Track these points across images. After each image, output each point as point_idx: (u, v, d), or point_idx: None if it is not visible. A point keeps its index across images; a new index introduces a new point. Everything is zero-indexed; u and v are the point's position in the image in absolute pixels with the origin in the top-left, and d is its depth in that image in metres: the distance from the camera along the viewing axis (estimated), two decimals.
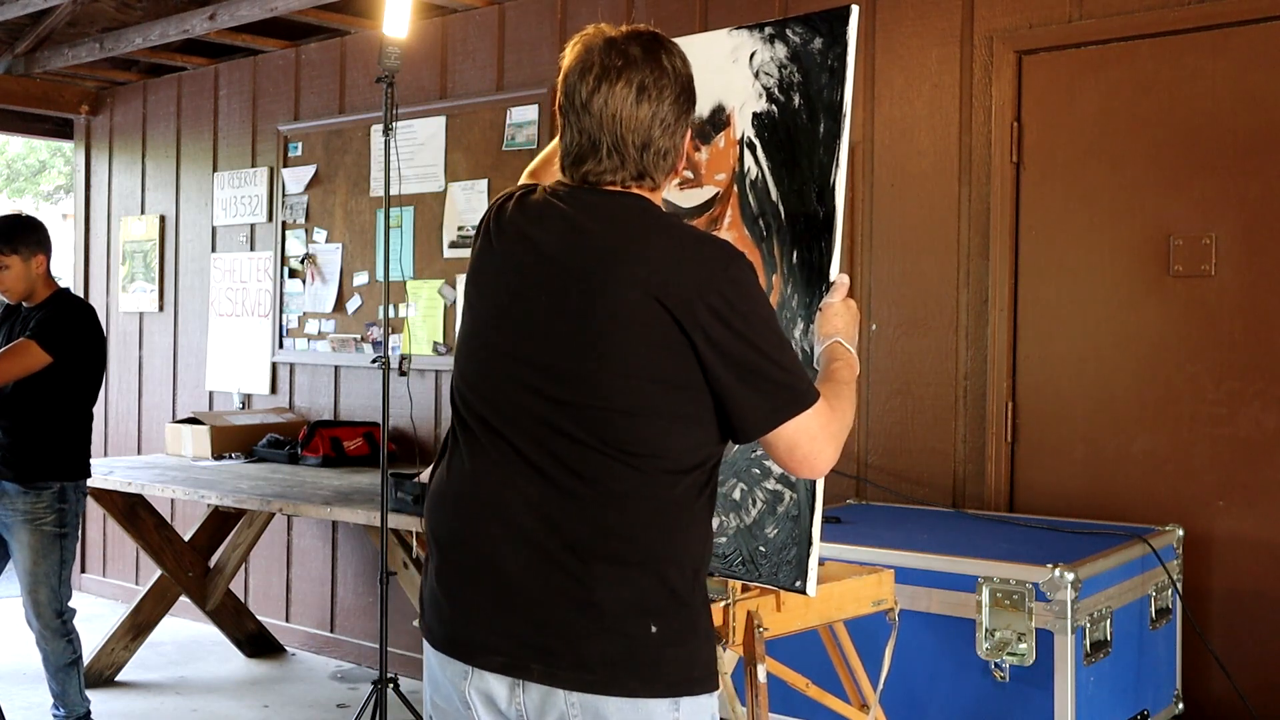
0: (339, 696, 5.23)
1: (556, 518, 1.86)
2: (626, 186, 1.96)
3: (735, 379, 1.86)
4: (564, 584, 1.84)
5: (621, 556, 1.85)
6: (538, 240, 1.95)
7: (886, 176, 4.18)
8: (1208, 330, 3.62)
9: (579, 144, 1.96)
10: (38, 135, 7.86)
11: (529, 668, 1.86)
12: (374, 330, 5.70)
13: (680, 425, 1.88)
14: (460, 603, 1.93)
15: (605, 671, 1.83)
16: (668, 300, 1.83)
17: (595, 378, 1.85)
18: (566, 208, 1.96)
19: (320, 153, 5.98)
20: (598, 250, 1.89)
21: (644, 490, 1.86)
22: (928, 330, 4.07)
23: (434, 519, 2.01)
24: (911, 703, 3.06)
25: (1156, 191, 3.71)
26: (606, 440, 1.85)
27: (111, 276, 7.12)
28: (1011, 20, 3.93)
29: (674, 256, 1.88)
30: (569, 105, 1.97)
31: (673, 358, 1.85)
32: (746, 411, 1.88)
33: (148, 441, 6.81)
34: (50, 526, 4.30)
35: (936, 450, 4.05)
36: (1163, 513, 3.61)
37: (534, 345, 1.91)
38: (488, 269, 2.01)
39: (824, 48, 2.40)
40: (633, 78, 1.93)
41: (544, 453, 1.88)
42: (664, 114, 1.95)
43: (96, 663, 5.43)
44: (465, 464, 1.96)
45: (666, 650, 1.85)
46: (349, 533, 5.78)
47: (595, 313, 1.86)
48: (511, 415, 1.91)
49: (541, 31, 5.13)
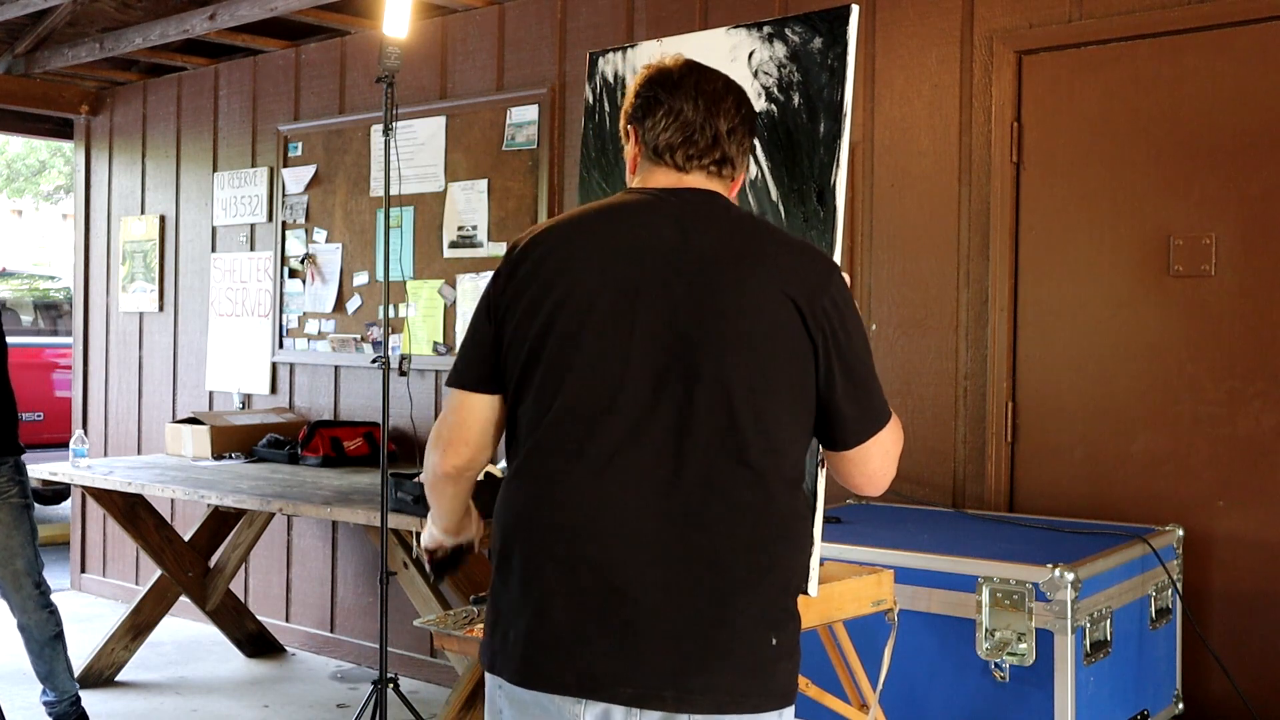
0: (339, 696, 5.23)
1: (691, 533, 1.79)
2: (710, 184, 1.98)
3: (842, 387, 1.86)
4: (701, 604, 1.78)
5: (755, 571, 1.81)
6: (642, 241, 1.89)
7: (886, 176, 4.18)
8: (1208, 330, 3.62)
9: (674, 129, 1.97)
10: (38, 135, 7.87)
11: (662, 696, 1.78)
12: (374, 330, 5.70)
13: (795, 431, 1.86)
14: (578, 632, 1.80)
15: (734, 689, 1.79)
16: (796, 297, 1.82)
17: (731, 380, 1.80)
18: (665, 206, 1.93)
19: (320, 153, 5.98)
20: (723, 245, 1.87)
21: (770, 502, 1.83)
22: (928, 330, 4.07)
23: (532, 538, 1.86)
24: (911, 703, 3.05)
25: (1156, 191, 3.71)
26: (733, 449, 1.79)
27: (111, 276, 7.12)
28: (1011, 20, 3.93)
29: (795, 256, 1.88)
30: (667, 95, 1.98)
31: (800, 361, 1.83)
32: (848, 421, 1.88)
33: (148, 441, 6.81)
34: (16, 499, 4.43)
35: (936, 450, 4.05)
36: (1163, 513, 3.61)
37: (660, 351, 1.82)
38: (569, 278, 1.88)
39: (824, 47, 2.40)
40: (722, 89, 2.00)
41: (670, 464, 1.80)
42: (743, 118, 2.02)
43: (96, 663, 5.43)
44: (566, 479, 1.84)
45: (782, 662, 1.84)
46: (349, 533, 5.78)
47: (734, 312, 1.81)
48: (632, 423, 1.81)
49: (541, 31, 5.13)
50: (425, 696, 5.08)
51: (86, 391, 7.24)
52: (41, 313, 10.20)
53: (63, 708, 4.56)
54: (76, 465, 5.19)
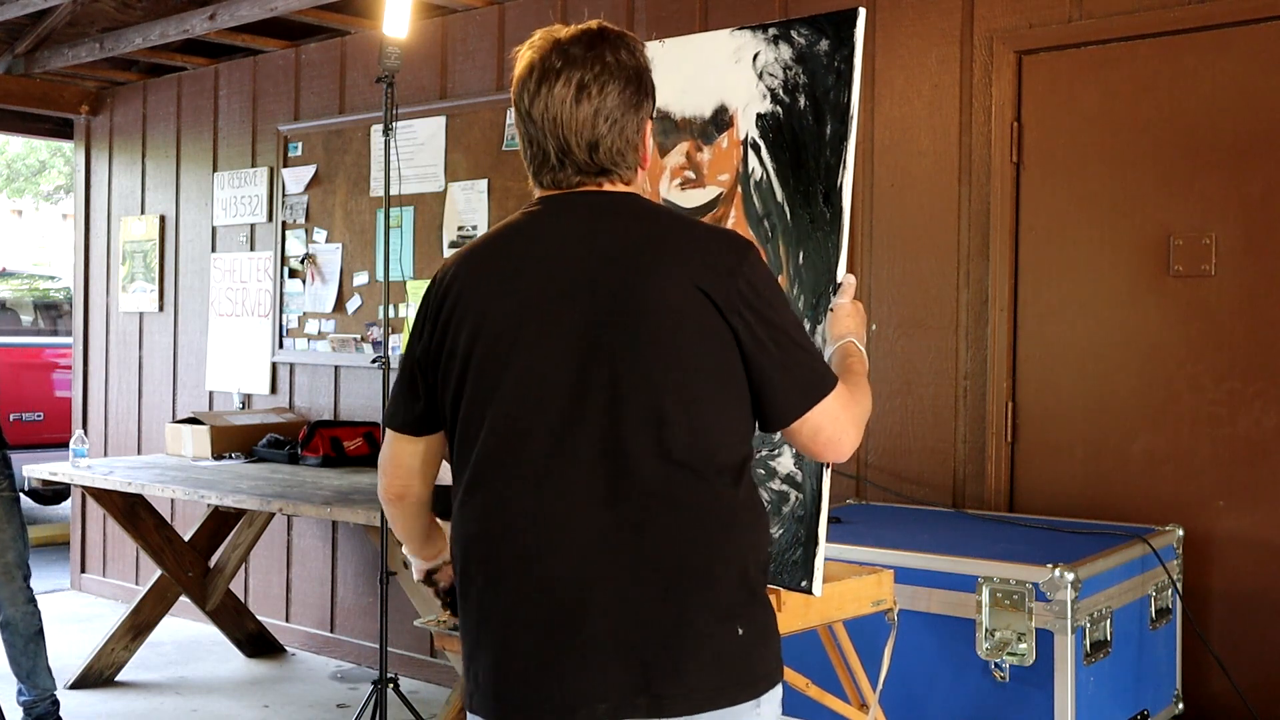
0: (339, 696, 5.23)
1: (637, 540, 1.78)
2: (599, 184, 1.92)
3: (770, 364, 1.83)
4: (655, 609, 1.77)
5: (706, 569, 1.80)
6: (545, 255, 1.87)
7: (886, 177, 4.18)
8: (1208, 330, 3.63)
9: (531, 154, 1.94)
10: (38, 135, 7.87)
11: (635, 704, 1.77)
12: (374, 330, 5.70)
13: (729, 420, 1.84)
14: (542, 658, 1.79)
15: (707, 687, 1.78)
16: (707, 287, 1.80)
17: (652, 380, 1.78)
18: (564, 213, 1.91)
19: (320, 153, 5.98)
20: (625, 245, 1.84)
21: (713, 497, 1.81)
22: (928, 330, 4.07)
23: (483, 570, 1.85)
24: (911, 703, 3.06)
25: (1156, 191, 3.71)
26: (667, 449, 1.78)
27: (111, 276, 7.11)
28: (1011, 20, 3.93)
29: (701, 246, 1.84)
30: (516, 114, 1.94)
31: (721, 351, 1.81)
32: (780, 396, 1.86)
33: (148, 441, 6.81)
34: (6, 492, 4.43)
35: (936, 450, 4.05)
36: (1163, 513, 3.62)
37: (579, 361, 1.80)
38: (479, 305, 1.88)
39: (830, 50, 2.40)
40: (571, 76, 1.87)
41: (606, 475, 1.78)
42: (608, 109, 1.88)
43: (96, 663, 5.42)
44: (507, 505, 1.83)
45: (754, 649, 1.83)
46: (349, 533, 5.78)
47: (645, 311, 1.79)
48: (562, 438, 1.80)
49: None
50: (425, 696, 5.08)
51: (86, 391, 7.24)
52: (41, 313, 10.19)
53: (44, 706, 4.53)
54: (76, 465, 5.20)
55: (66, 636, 6.04)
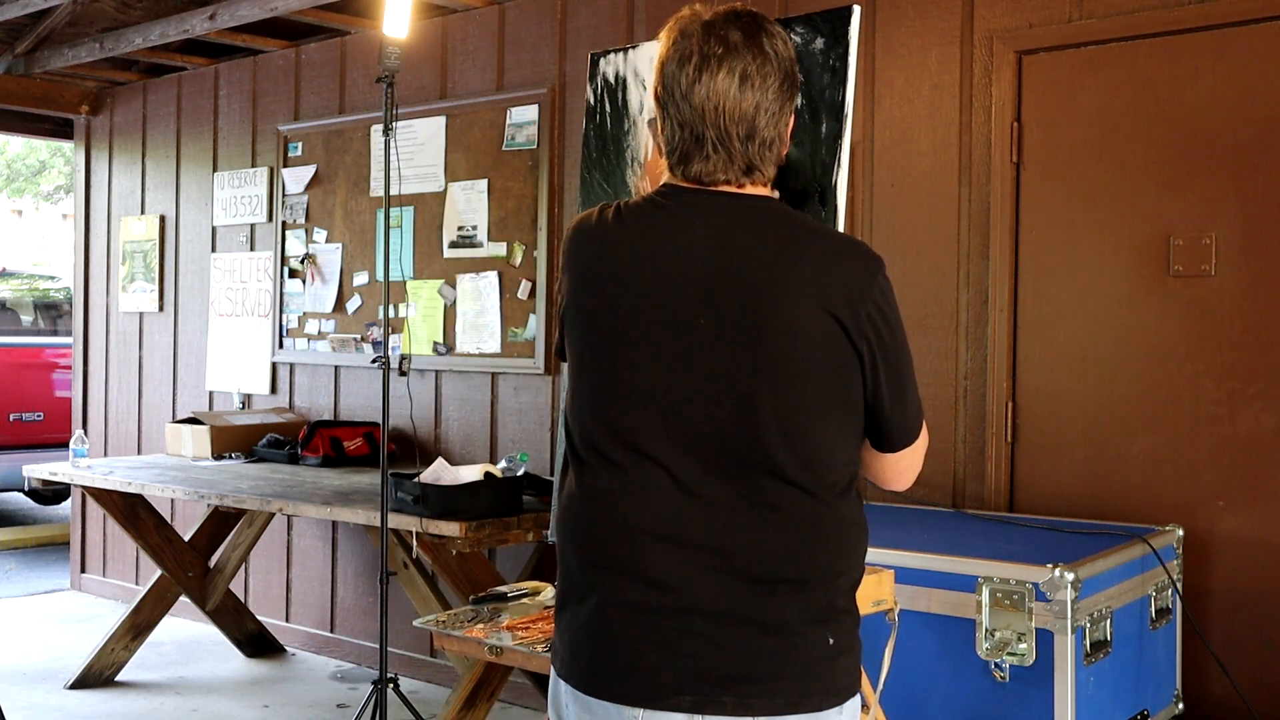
0: (339, 696, 5.23)
1: (743, 545, 1.80)
2: (740, 185, 1.87)
3: (888, 395, 1.84)
4: (756, 610, 1.79)
5: (804, 578, 1.81)
6: (672, 253, 1.84)
7: (886, 176, 4.18)
8: (1208, 330, 3.63)
9: (682, 139, 1.86)
10: (38, 135, 7.87)
11: (722, 701, 1.78)
12: (374, 330, 5.70)
13: (843, 439, 1.85)
14: (632, 644, 1.82)
15: (794, 691, 1.79)
16: (837, 311, 1.78)
17: (774, 398, 1.78)
18: (697, 215, 1.86)
19: (320, 153, 5.98)
20: (757, 262, 1.81)
21: (821, 513, 1.82)
22: (928, 330, 4.07)
23: (583, 552, 1.88)
24: (911, 703, 3.06)
25: (1156, 191, 3.71)
26: (782, 464, 1.79)
27: (111, 276, 7.12)
28: (1011, 20, 3.93)
29: (834, 264, 1.81)
30: (668, 97, 1.86)
31: (845, 373, 1.81)
32: (895, 425, 1.87)
33: (148, 441, 6.81)
34: None
35: (936, 450, 4.04)
36: (1163, 513, 3.61)
37: (697, 366, 1.80)
38: (600, 293, 1.88)
39: (825, 48, 2.40)
40: (734, 66, 1.82)
41: (720, 482, 1.80)
42: (768, 103, 1.84)
43: (96, 663, 5.43)
44: (615, 493, 1.85)
45: (840, 659, 1.84)
46: (349, 533, 5.78)
47: (773, 331, 1.78)
48: (672, 440, 1.81)
49: (541, 31, 5.13)
50: (425, 696, 5.08)
51: (86, 391, 7.25)
52: (41, 313, 10.18)
53: None
54: (76, 465, 5.20)
55: (66, 636, 6.05)
